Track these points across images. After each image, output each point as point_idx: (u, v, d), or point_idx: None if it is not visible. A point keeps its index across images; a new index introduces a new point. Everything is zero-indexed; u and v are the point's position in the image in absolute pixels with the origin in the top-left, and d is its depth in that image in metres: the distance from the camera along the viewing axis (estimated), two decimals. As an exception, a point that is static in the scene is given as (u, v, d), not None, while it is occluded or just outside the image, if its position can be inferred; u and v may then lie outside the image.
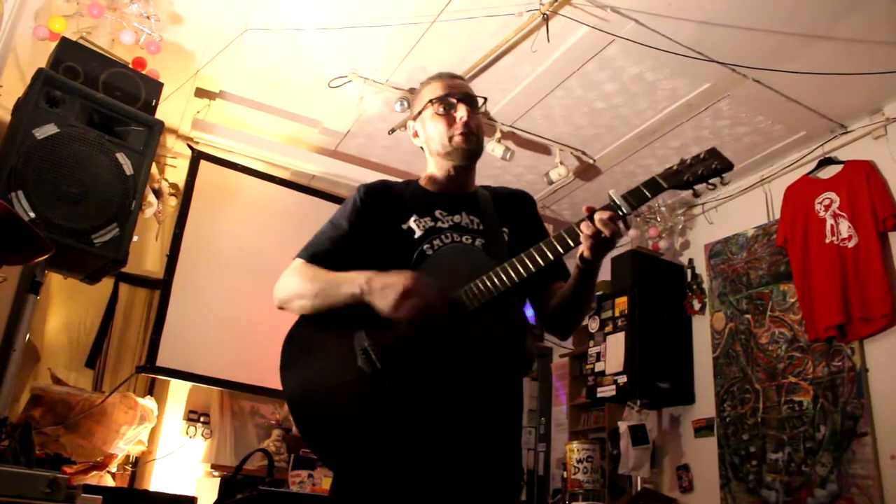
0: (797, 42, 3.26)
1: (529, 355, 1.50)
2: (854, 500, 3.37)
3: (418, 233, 1.56)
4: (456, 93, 1.66)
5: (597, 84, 3.68)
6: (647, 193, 1.39)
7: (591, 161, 4.41)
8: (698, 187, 1.41)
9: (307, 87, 3.90)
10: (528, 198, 1.77)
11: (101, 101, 2.78)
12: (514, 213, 1.69)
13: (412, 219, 1.58)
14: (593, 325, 4.81)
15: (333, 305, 1.46)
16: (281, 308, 1.56)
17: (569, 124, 4.08)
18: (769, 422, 3.90)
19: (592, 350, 4.74)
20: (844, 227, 3.68)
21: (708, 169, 1.39)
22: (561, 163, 4.24)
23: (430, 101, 1.66)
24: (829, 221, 3.76)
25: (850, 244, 3.63)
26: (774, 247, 4.10)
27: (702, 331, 4.52)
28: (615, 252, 4.85)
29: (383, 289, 1.39)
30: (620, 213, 1.36)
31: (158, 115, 3.03)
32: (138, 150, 2.82)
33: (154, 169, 3.60)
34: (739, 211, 4.46)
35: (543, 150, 4.34)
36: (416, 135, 1.74)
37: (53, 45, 2.91)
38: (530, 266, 1.41)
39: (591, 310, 1.54)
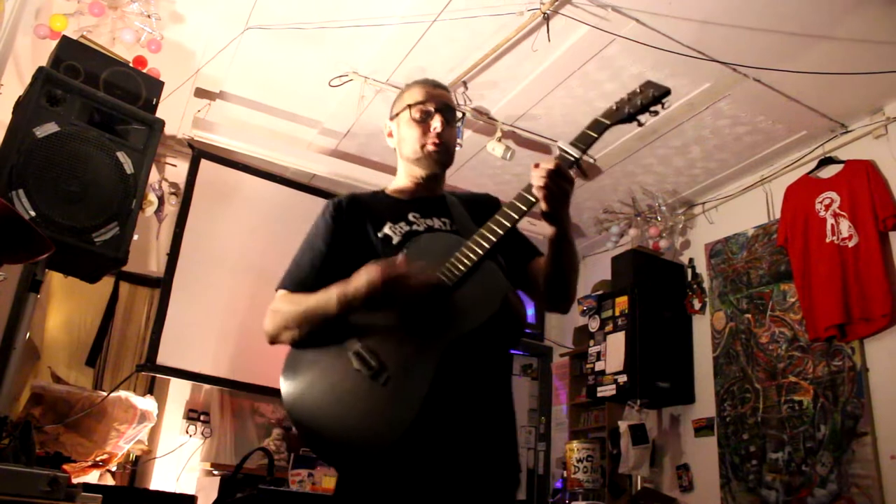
0: (798, 42, 3.26)
1: (518, 313, 1.49)
2: (854, 500, 3.38)
3: (396, 238, 1.54)
4: (435, 102, 1.67)
5: (597, 83, 3.68)
6: (593, 134, 1.44)
7: (591, 160, 4.41)
8: (641, 117, 1.45)
9: (307, 86, 3.90)
10: (494, 200, 1.77)
11: (101, 99, 2.78)
12: (485, 216, 1.66)
13: (387, 226, 1.57)
14: (593, 324, 4.81)
15: (319, 324, 1.43)
16: (273, 343, 1.52)
17: (569, 123, 4.08)
18: (769, 421, 3.90)
19: (592, 349, 4.74)
20: (845, 227, 3.68)
21: (646, 98, 1.43)
22: (561, 162, 4.23)
23: (409, 105, 1.67)
24: (830, 221, 3.76)
25: (851, 244, 3.63)
26: (775, 246, 4.10)
27: (702, 330, 4.52)
28: (615, 251, 4.87)
29: (363, 275, 1.38)
30: (572, 159, 1.41)
31: (159, 113, 3.02)
32: (139, 148, 2.81)
33: (154, 177, 3.61)
34: (740, 210, 4.46)
35: (544, 149, 4.34)
36: (390, 135, 1.75)
37: (54, 43, 2.91)
38: (499, 230, 1.42)
39: (578, 272, 1.61)
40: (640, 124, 1.47)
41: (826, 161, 3.92)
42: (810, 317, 3.74)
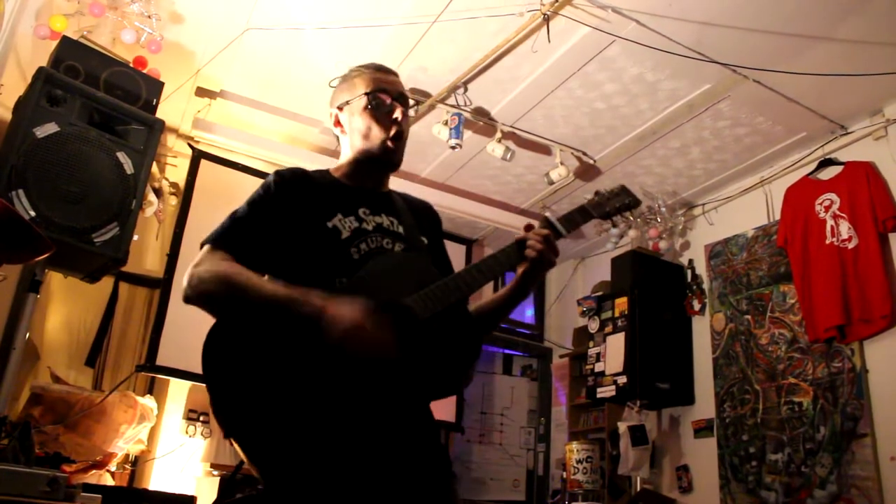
0: (798, 43, 3.26)
1: (469, 371, 1.48)
2: (853, 502, 3.38)
3: (345, 234, 1.49)
4: (392, 90, 1.61)
5: (597, 84, 3.68)
6: (579, 219, 1.58)
7: (591, 161, 4.41)
8: (615, 219, 1.65)
9: (307, 86, 3.90)
10: (434, 211, 1.75)
11: (101, 100, 2.79)
12: (430, 225, 1.68)
13: (336, 217, 1.50)
14: (593, 325, 4.81)
15: (262, 314, 1.35)
16: (189, 302, 1.42)
17: (569, 125, 4.08)
18: (769, 422, 3.90)
19: (592, 350, 4.74)
20: (844, 228, 3.68)
21: (622, 204, 1.64)
22: (561, 163, 4.24)
23: (365, 93, 1.60)
24: (830, 222, 3.76)
25: (850, 245, 3.63)
26: (774, 247, 4.10)
27: (702, 331, 4.52)
28: (615, 252, 4.87)
29: (336, 319, 1.29)
30: (562, 234, 1.52)
31: (159, 114, 3.03)
32: (139, 149, 2.82)
33: (154, 168, 3.61)
34: (740, 212, 4.46)
35: (544, 150, 4.34)
36: (337, 123, 1.67)
37: (54, 44, 2.91)
38: (481, 280, 1.45)
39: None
40: (613, 224, 1.69)
41: (826, 162, 3.92)
42: (810, 318, 3.74)
